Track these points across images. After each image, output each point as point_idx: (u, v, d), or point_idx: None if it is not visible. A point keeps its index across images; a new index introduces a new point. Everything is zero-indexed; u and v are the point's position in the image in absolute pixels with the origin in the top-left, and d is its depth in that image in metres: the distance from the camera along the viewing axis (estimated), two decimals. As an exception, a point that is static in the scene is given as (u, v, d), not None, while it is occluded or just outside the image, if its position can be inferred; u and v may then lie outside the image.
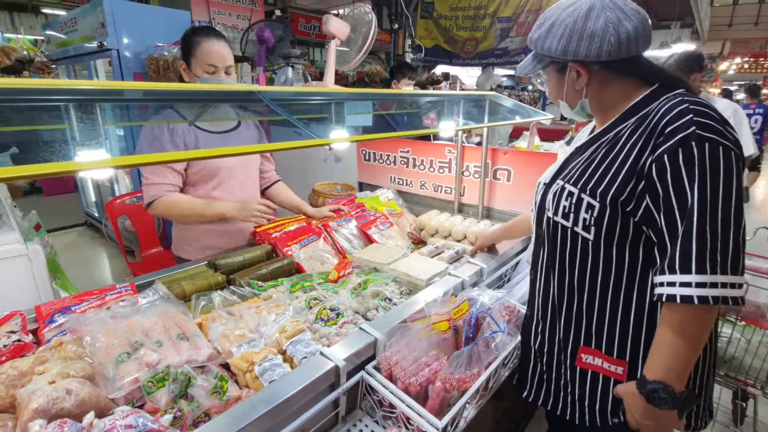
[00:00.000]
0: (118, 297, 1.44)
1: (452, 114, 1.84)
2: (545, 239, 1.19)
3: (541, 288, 1.23)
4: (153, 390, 1.02)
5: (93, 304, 1.40)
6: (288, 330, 1.26)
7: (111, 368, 1.08)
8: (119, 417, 0.90)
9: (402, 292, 1.62)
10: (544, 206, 1.18)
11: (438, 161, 2.63)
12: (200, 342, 1.22)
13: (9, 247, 1.46)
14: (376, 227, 2.14)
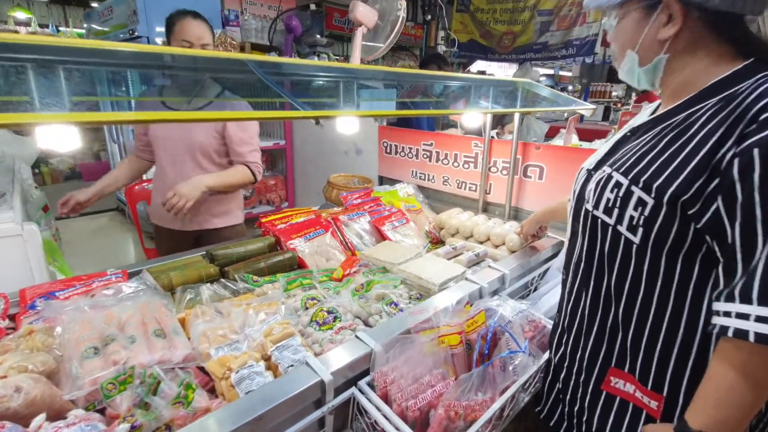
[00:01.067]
0: (106, 284, 1.35)
1: (480, 100, 1.65)
2: (581, 235, 0.99)
3: (573, 292, 1.03)
4: (113, 393, 0.90)
5: (78, 291, 1.31)
6: (275, 333, 1.12)
7: (75, 364, 0.97)
8: (64, 424, 0.78)
9: (411, 297, 1.45)
10: (583, 196, 0.98)
11: (463, 155, 2.43)
12: (178, 340, 1.09)
13: (2, 226, 1.40)
14: (390, 223, 1.97)
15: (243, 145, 2.04)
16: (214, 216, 2.07)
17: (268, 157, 3.98)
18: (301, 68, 1.18)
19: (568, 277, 1.06)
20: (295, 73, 1.15)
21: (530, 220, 1.77)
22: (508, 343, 1.14)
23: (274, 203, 3.73)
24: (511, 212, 2.27)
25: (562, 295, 1.11)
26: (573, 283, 1.03)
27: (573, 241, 1.04)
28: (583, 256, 0.98)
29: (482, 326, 1.25)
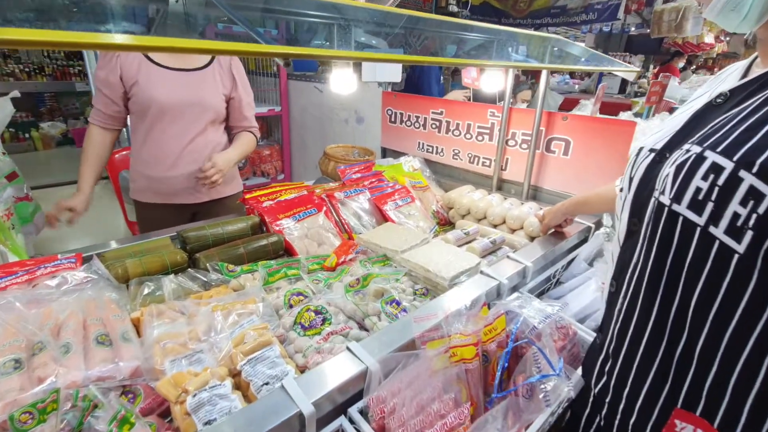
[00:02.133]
0: (53, 272, 1.13)
1: (502, 56, 1.36)
2: (646, 237, 0.74)
3: (627, 310, 0.80)
4: (30, 425, 0.69)
5: (19, 279, 1.09)
6: (248, 341, 0.90)
7: (-13, 382, 0.76)
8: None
9: (416, 292, 1.22)
10: (651, 185, 0.73)
11: (477, 126, 2.15)
12: (126, 349, 0.88)
13: None
14: (393, 202, 1.73)
15: (249, 109, 1.90)
16: (221, 184, 1.84)
17: (263, 125, 3.69)
18: (282, 2, 0.91)
19: (620, 290, 0.82)
20: (273, 9, 0.88)
21: (555, 210, 1.52)
22: (536, 361, 0.92)
23: (269, 175, 3.48)
24: (530, 191, 2.02)
25: (609, 311, 0.88)
26: (628, 300, 0.79)
27: (630, 243, 0.79)
28: (649, 266, 0.73)
29: (501, 333, 1.04)
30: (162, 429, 0.79)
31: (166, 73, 1.65)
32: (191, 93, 1.68)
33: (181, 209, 1.83)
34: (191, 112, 1.70)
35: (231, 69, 1.79)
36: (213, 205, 1.88)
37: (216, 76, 1.74)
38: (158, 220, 1.80)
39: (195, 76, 1.70)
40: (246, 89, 1.87)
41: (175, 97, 1.66)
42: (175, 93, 1.66)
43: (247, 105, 1.88)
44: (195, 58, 1.70)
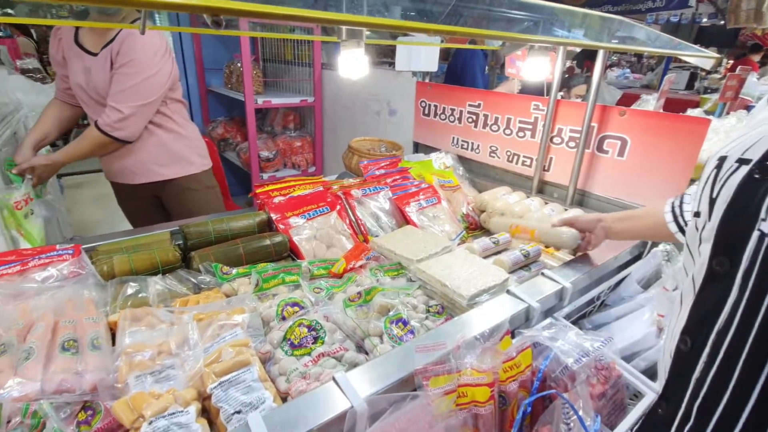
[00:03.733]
0: (46, 263, 1.08)
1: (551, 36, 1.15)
2: (741, 283, 0.54)
3: (711, 381, 0.59)
4: (-36, 444, 0.62)
5: (12, 270, 1.05)
6: (225, 359, 0.79)
7: (-62, 387, 0.70)
8: None
9: (430, 309, 1.06)
10: (747, 211, 0.52)
11: (518, 120, 1.93)
12: (93, 358, 0.79)
13: (-69, 182, 1.16)
14: (417, 202, 1.57)
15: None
16: (160, 165, 1.80)
17: (296, 116, 3.63)
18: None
19: (699, 351, 0.60)
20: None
21: (589, 219, 1.23)
22: (566, 414, 0.73)
23: (300, 167, 3.41)
24: (576, 196, 1.78)
25: (679, 376, 0.66)
26: (716, 368, 0.58)
27: (715, 290, 0.58)
28: (754, 325, 0.52)
29: (526, 371, 0.86)
30: (116, 456, 0.70)
31: (77, 58, 1.63)
32: (87, 77, 1.64)
33: (137, 189, 1.84)
34: (87, 97, 1.69)
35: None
36: (168, 187, 1.86)
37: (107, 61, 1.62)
38: (127, 201, 1.96)
39: (94, 63, 1.61)
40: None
41: (78, 81, 1.66)
42: (76, 77, 1.65)
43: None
44: (98, 42, 1.61)
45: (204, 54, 3.72)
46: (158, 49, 1.59)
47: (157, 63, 1.58)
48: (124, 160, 1.75)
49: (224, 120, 3.91)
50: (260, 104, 3.05)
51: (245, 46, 2.86)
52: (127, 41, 1.54)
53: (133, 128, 1.63)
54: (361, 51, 0.94)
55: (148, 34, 1.56)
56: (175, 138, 1.80)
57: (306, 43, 3.23)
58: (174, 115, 1.78)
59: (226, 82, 3.57)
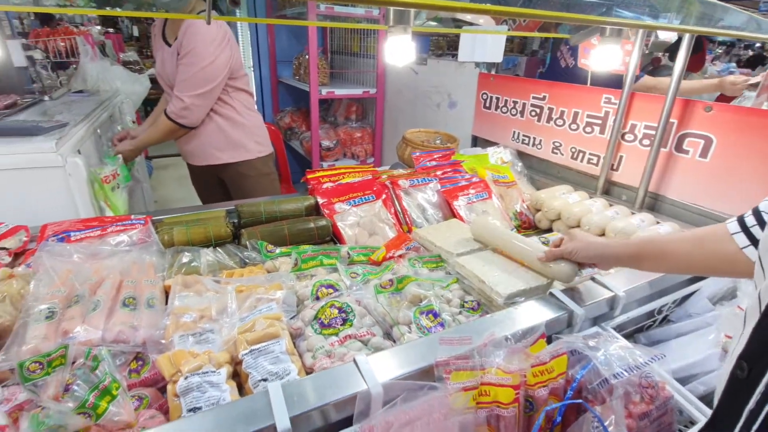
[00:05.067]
0: (122, 230, 1.21)
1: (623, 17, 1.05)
2: None
3: (765, 409, 0.51)
4: (37, 375, 0.72)
5: (93, 234, 1.20)
6: (256, 330, 0.84)
7: (26, 325, 0.82)
8: (-56, 414, 0.61)
9: (465, 305, 1.03)
10: None
11: (587, 115, 1.79)
12: (147, 316, 0.88)
13: (39, 156, 1.36)
14: (466, 196, 1.53)
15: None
16: (219, 150, 1.94)
17: (358, 107, 3.69)
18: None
19: (757, 379, 0.52)
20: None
21: (579, 247, 0.98)
22: (596, 429, 0.68)
23: (359, 158, 3.48)
24: (646, 200, 1.62)
25: (733, 403, 0.57)
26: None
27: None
28: None
29: (559, 378, 0.80)
30: (155, 404, 0.77)
31: (160, 50, 1.82)
32: (163, 67, 1.82)
33: (202, 170, 2.02)
34: (165, 84, 1.88)
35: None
36: (226, 170, 2.00)
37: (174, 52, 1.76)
38: (196, 181, 2.17)
39: (168, 54, 1.78)
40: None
41: (158, 70, 1.86)
42: (158, 67, 1.86)
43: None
44: (174, 35, 1.77)
45: (277, 46, 3.92)
46: (214, 38, 1.68)
47: (213, 52, 1.68)
48: (189, 143, 1.91)
49: (291, 110, 4.09)
50: (324, 95, 3.15)
51: (312, 38, 2.95)
52: (187, 33, 1.65)
53: (195, 115, 1.78)
54: (408, 37, 0.93)
55: (206, 25, 1.66)
56: (233, 125, 1.92)
57: (372, 35, 3.26)
58: (235, 103, 1.90)
59: (295, 73, 3.73)
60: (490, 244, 1.19)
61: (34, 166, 1.37)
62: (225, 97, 1.84)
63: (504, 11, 0.70)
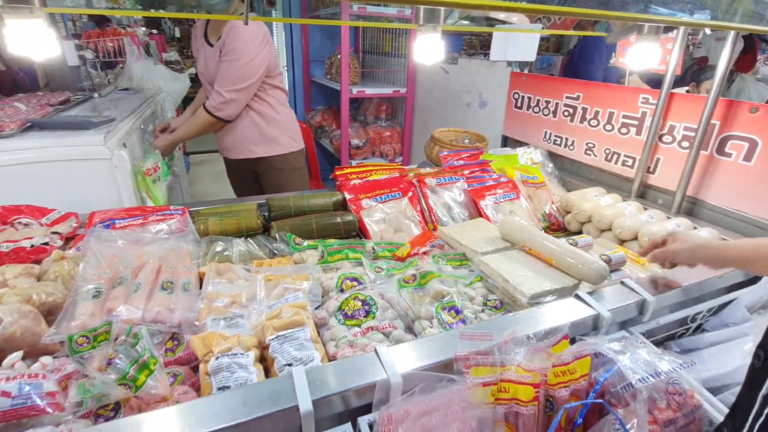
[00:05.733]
0: (162, 219, 1.29)
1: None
2: None
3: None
4: (84, 348, 0.78)
5: (136, 222, 1.28)
6: (282, 318, 0.87)
7: (74, 303, 0.89)
8: (4, 377, 0.68)
9: (488, 304, 1.03)
10: None
11: (622, 115, 1.74)
12: (183, 299, 0.94)
13: (89, 148, 1.46)
14: (493, 196, 1.52)
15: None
16: (253, 144, 2.00)
17: (388, 106, 3.71)
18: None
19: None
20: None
21: (690, 245, 0.98)
22: (614, 429, 0.67)
23: (387, 156, 3.50)
24: (684, 204, 1.56)
25: (749, 394, 0.56)
26: None
27: None
28: None
29: (581, 380, 0.79)
30: (188, 381, 0.82)
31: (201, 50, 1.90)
32: (205, 65, 1.90)
33: (237, 164, 2.09)
34: (205, 81, 1.97)
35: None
36: (255, 163, 2.07)
37: (216, 50, 1.84)
38: (231, 174, 2.24)
39: (209, 53, 1.86)
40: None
41: (200, 68, 1.97)
42: (200, 65, 1.96)
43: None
44: (216, 35, 1.86)
45: (310, 46, 4.00)
46: (255, 37, 1.77)
47: (253, 50, 1.77)
48: (226, 137, 1.99)
49: (323, 109, 4.17)
50: (354, 94, 3.19)
51: (345, 37, 3.00)
52: (230, 33, 1.75)
53: (232, 109, 1.86)
54: (438, 36, 0.94)
55: (247, 25, 1.74)
56: (268, 120, 1.99)
57: (403, 34, 3.28)
58: (270, 100, 1.97)
59: (327, 72, 3.79)
60: (519, 242, 1.18)
61: (84, 157, 1.47)
62: (261, 93, 1.91)
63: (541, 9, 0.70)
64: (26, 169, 1.44)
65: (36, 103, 1.94)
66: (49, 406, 0.67)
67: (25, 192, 1.43)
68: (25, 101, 1.93)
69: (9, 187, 1.43)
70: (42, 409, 0.66)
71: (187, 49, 7.67)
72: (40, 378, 0.70)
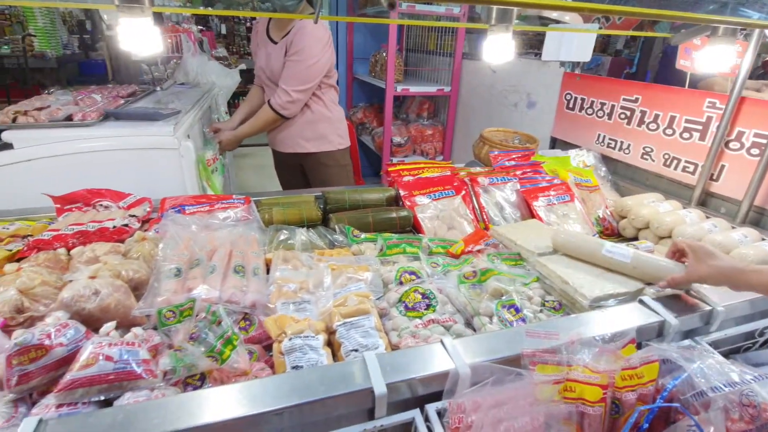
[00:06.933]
0: (226, 207, 1.36)
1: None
2: None
3: None
4: (171, 322, 0.85)
5: (203, 209, 1.35)
6: (348, 305, 0.91)
7: (158, 280, 0.97)
8: (108, 342, 0.75)
9: (546, 304, 1.04)
10: None
11: (685, 119, 1.68)
12: (254, 283, 0.99)
13: (160, 138, 1.55)
14: (546, 197, 1.51)
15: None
16: (305, 140, 2.06)
17: (430, 105, 3.72)
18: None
19: None
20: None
21: (709, 274, 0.91)
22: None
23: (428, 155, 3.50)
24: (750, 214, 1.49)
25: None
26: None
27: None
28: None
29: (649, 385, 0.79)
30: (262, 359, 0.87)
31: (264, 46, 1.96)
32: (268, 62, 1.95)
33: (285, 157, 2.17)
34: (266, 77, 2.03)
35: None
36: (303, 157, 2.14)
37: (281, 48, 1.89)
38: (278, 166, 2.32)
39: (274, 50, 1.91)
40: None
41: (261, 65, 2.02)
42: (261, 61, 2.01)
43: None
44: (280, 34, 1.92)
45: (354, 44, 4.06)
46: (321, 38, 1.83)
47: (319, 52, 1.83)
48: (281, 132, 2.07)
49: (364, 106, 4.22)
50: (399, 92, 3.22)
51: (392, 35, 3.03)
52: (299, 33, 1.81)
53: (296, 108, 1.92)
54: (509, 36, 0.95)
55: (315, 26, 1.80)
56: (320, 118, 2.05)
57: (449, 33, 3.27)
58: (324, 98, 2.03)
59: (371, 70, 3.84)
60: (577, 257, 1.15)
61: (154, 147, 1.57)
62: (317, 92, 1.98)
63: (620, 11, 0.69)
64: (104, 156, 1.56)
65: (108, 95, 2.08)
66: (145, 372, 0.74)
67: (101, 177, 1.54)
68: (99, 93, 2.07)
69: (88, 172, 1.55)
70: (139, 375, 0.73)
71: (232, 46, 7.94)
72: (136, 346, 0.77)
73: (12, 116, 1.54)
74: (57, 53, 5.43)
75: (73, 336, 0.77)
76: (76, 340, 0.77)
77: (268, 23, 1.96)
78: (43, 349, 0.73)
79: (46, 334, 0.74)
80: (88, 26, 6.05)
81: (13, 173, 1.50)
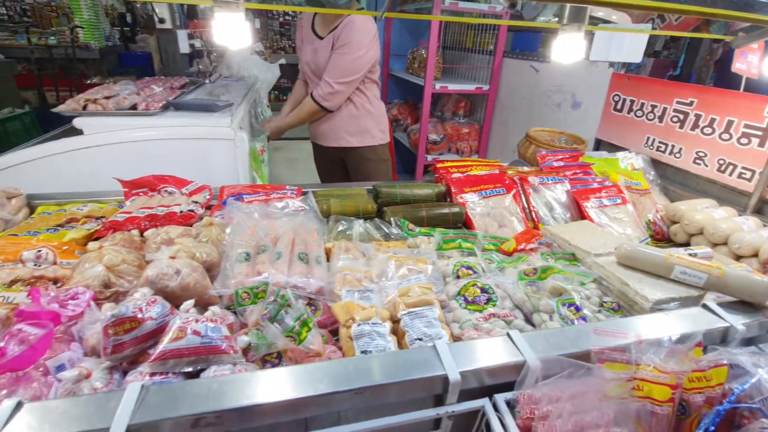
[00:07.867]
0: (281, 198, 1.41)
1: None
2: None
3: None
4: (246, 302, 0.90)
5: (260, 198, 1.41)
6: (412, 295, 0.94)
7: (230, 264, 1.02)
8: (194, 318, 0.80)
9: (604, 305, 1.04)
10: None
11: (743, 124, 1.63)
12: (317, 270, 1.03)
13: (218, 129, 1.62)
14: (598, 199, 1.50)
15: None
16: (349, 134, 2.10)
17: (467, 103, 3.70)
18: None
19: None
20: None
21: None
22: (769, 442, 0.66)
23: (463, 153, 3.50)
24: (814, 224, 1.44)
25: None
26: None
27: None
28: None
29: (717, 388, 0.79)
30: (330, 342, 0.91)
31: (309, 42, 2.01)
32: (314, 56, 1.99)
33: (326, 150, 2.22)
34: (311, 71, 2.08)
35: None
36: (345, 152, 2.19)
37: (328, 45, 1.92)
38: (318, 159, 2.38)
39: (321, 46, 1.94)
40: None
41: (306, 59, 2.06)
42: (306, 56, 2.06)
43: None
44: (326, 28, 1.95)
45: (392, 40, 4.08)
46: (369, 31, 1.86)
47: (366, 45, 1.86)
48: (323, 125, 2.11)
49: (399, 103, 4.24)
50: (437, 89, 3.22)
51: (433, 32, 3.03)
52: (347, 27, 1.85)
53: (338, 100, 1.96)
54: (581, 35, 0.95)
55: (363, 20, 1.83)
56: (363, 113, 2.08)
57: (490, 30, 3.25)
58: (368, 93, 2.06)
59: (408, 67, 3.85)
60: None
61: (212, 137, 1.64)
62: (361, 86, 2.01)
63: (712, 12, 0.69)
64: (165, 144, 1.63)
65: (163, 86, 2.16)
66: (228, 348, 0.78)
67: (161, 164, 1.61)
68: (155, 84, 2.16)
69: (150, 159, 1.63)
70: (224, 350, 0.78)
71: (266, 41, 8.09)
72: (218, 323, 0.82)
73: (83, 104, 1.63)
74: (100, 45, 5.65)
75: (160, 311, 0.82)
76: (163, 314, 0.82)
77: (313, 19, 2.00)
78: (136, 321, 0.79)
79: (138, 308, 0.80)
80: (129, 19, 6.27)
81: (83, 158, 1.59)
